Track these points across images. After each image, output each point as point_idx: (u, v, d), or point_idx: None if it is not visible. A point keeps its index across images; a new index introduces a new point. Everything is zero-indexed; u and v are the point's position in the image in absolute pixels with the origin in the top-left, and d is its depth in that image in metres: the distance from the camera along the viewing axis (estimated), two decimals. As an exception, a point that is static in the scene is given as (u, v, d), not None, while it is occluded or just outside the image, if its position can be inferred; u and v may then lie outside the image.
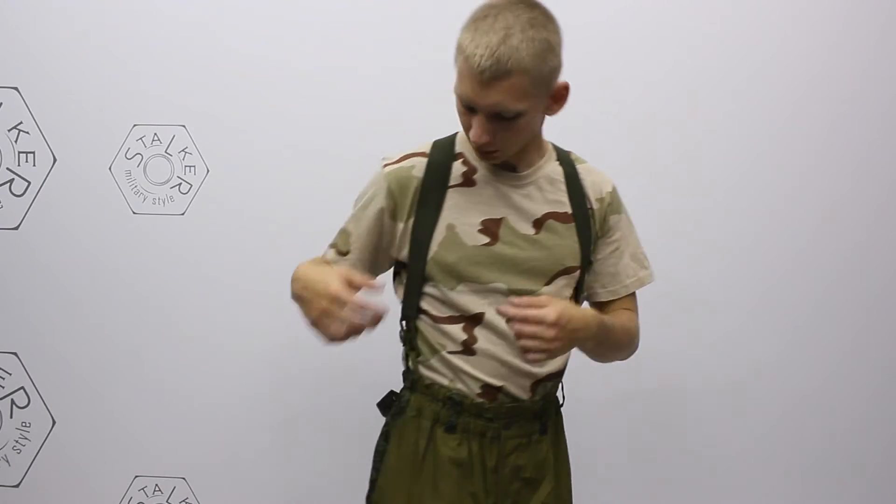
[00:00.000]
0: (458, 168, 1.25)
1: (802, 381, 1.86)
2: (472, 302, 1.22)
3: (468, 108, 1.14)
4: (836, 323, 1.86)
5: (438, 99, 1.67)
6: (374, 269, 1.29)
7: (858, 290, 1.86)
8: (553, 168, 1.28)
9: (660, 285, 1.87)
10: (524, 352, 1.10)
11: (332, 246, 1.31)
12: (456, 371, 1.23)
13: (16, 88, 1.94)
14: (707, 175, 1.87)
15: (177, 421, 1.93)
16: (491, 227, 1.23)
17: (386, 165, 1.26)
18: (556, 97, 1.18)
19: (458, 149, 1.27)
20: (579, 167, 1.31)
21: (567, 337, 1.11)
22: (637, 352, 1.85)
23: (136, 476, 1.95)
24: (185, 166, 1.93)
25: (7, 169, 1.95)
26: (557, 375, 1.30)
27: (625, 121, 1.86)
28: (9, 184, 1.95)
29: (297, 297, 1.18)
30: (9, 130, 1.95)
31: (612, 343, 1.27)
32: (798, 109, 1.85)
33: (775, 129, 1.86)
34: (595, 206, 1.30)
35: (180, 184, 1.93)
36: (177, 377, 1.93)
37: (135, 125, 1.93)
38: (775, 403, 1.87)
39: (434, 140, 1.30)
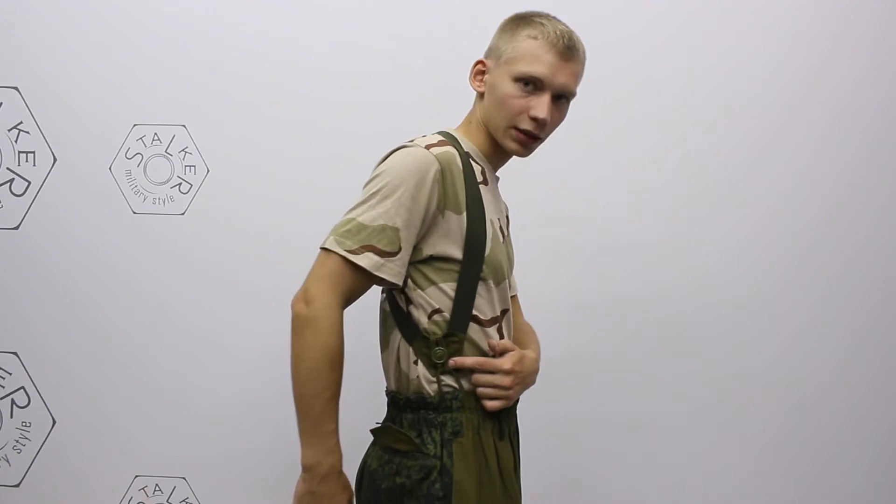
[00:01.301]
0: (476, 166, 1.24)
1: (802, 381, 1.86)
2: (503, 299, 1.25)
3: (528, 85, 1.19)
4: (836, 323, 1.86)
5: (442, 99, 1.68)
6: None
7: (858, 290, 1.86)
8: None
9: (659, 285, 1.88)
10: (483, 398, 1.18)
11: (365, 248, 1.11)
12: None
13: (16, 88, 1.94)
14: (706, 175, 1.87)
15: (177, 421, 1.93)
16: (501, 226, 1.29)
17: (429, 147, 1.17)
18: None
19: (464, 148, 1.24)
20: None
21: (522, 382, 1.22)
22: (636, 351, 1.86)
23: (136, 476, 1.95)
24: (185, 166, 1.93)
25: (7, 169, 1.95)
26: None
27: (624, 120, 1.86)
28: (9, 184, 1.95)
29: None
30: (9, 130, 1.95)
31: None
32: (798, 109, 1.85)
33: (775, 128, 1.86)
34: (506, 208, 1.40)
35: (180, 184, 1.93)
36: (177, 377, 1.93)
37: (135, 125, 1.93)
38: (774, 404, 1.87)
39: (439, 132, 1.26)
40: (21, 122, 1.94)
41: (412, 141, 1.20)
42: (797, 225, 1.86)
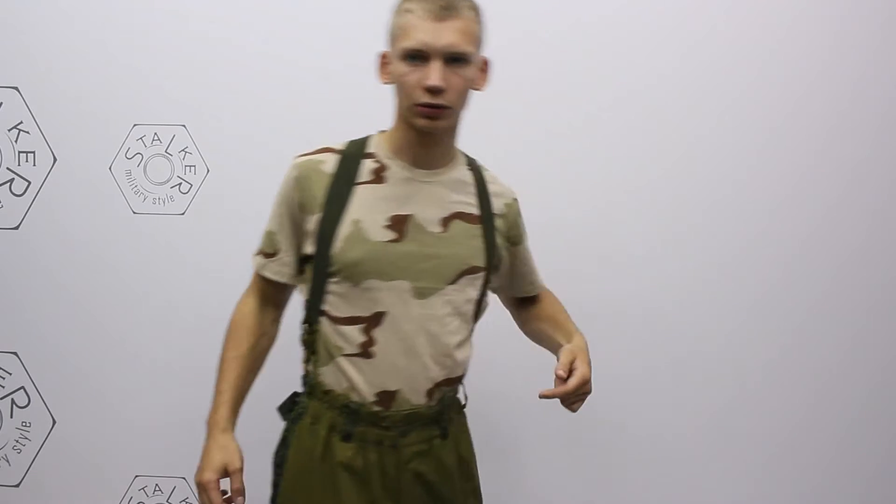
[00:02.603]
0: (368, 165, 1.26)
1: (802, 382, 1.86)
2: (374, 300, 1.21)
3: (415, 60, 1.16)
4: (836, 324, 1.86)
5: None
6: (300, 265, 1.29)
7: (858, 290, 1.86)
8: (463, 172, 1.30)
9: (658, 286, 1.88)
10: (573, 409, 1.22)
11: (259, 252, 1.31)
12: (350, 377, 1.22)
13: (16, 88, 1.94)
14: (706, 175, 1.86)
15: (177, 421, 1.93)
16: (398, 224, 1.22)
17: (300, 156, 1.29)
18: (482, 69, 1.25)
19: (370, 149, 1.28)
20: (485, 174, 1.34)
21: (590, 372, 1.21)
22: (635, 351, 1.86)
23: (136, 476, 1.95)
24: (185, 166, 1.93)
25: (7, 169, 1.95)
26: (457, 381, 1.31)
27: (623, 121, 1.86)
28: (9, 184, 1.95)
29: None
30: (9, 130, 1.95)
31: None
32: (798, 109, 1.85)
33: (774, 129, 1.86)
34: (503, 210, 1.34)
35: (180, 184, 1.93)
36: (177, 377, 1.93)
37: (135, 125, 1.93)
38: (774, 404, 1.87)
39: (351, 139, 1.32)
40: (21, 122, 1.94)
41: (300, 153, 1.32)
42: (796, 225, 1.86)
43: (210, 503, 1.21)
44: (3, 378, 1.96)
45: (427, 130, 1.20)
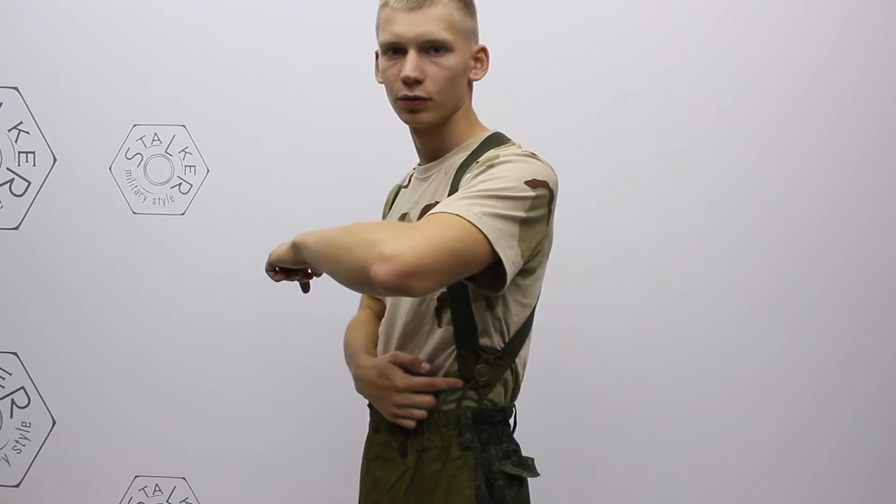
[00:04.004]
0: (409, 173, 1.33)
1: (802, 382, 1.86)
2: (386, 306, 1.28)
3: (395, 53, 1.14)
4: (836, 324, 1.85)
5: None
6: None
7: (858, 290, 1.85)
8: (458, 159, 1.18)
9: (658, 286, 1.88)
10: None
11: None
12: None
13: (16, 88, 1.94)
14: (706, 175, 1.86)
15: (177, 421, 1.93)
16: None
17: None
18: (478, 58, 1.21)
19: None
20: (490, 153, 1.14)
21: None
22: (634, 351, 1.86)
23: (136, 476, 1.95)
24: (185, 166, 1.93)
25: (7, 169, 1.95)
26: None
27: (623, 121, 1.86)
28: (9, 184, 1.95)
29: (362, 392, 1.24)
30: (9, 130, 1.95)
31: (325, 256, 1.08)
32: (798, 109, 1.85)
33: (774, 129, 1.85)
34: (433, 193, 1.21)
35: (180, 184, 1.93)
36: (177, 377, 1.93)
37: (135, 125, 1.93)
38: (774, 405, 1.86)
39: None
40: (21, 122, 1.95)
41: None
42: (796, 225, 1.85)
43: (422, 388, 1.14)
44: (3, 378, 1.96)
45: (411, 124, 1.19)
